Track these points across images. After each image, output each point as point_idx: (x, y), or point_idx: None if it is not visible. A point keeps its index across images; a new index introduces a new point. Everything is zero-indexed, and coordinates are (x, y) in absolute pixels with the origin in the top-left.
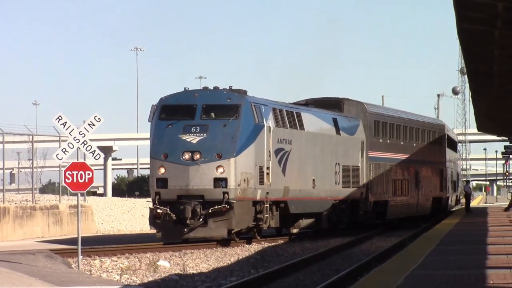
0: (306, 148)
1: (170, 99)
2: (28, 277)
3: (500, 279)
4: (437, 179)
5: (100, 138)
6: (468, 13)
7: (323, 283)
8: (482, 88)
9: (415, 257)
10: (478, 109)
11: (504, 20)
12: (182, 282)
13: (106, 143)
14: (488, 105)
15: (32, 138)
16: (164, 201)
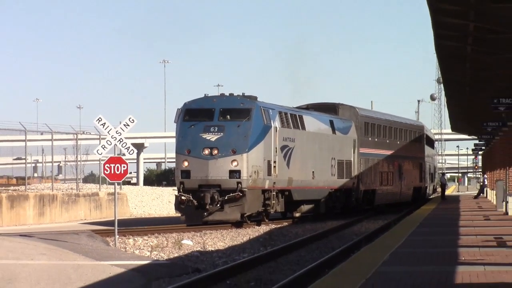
0: (307, 145)
1: (193, 104)
2: (73, 253)
3: (470, 256)
4: (417, 172)
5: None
6: (444, 31)
7: (320, 259)
8: (455, 95)
9: (399, 237)
10: (452, 113)
11: (475, 38)
12: (202, 258)
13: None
14: (461, 109)
15: (77, 137)
16: (187, 190)
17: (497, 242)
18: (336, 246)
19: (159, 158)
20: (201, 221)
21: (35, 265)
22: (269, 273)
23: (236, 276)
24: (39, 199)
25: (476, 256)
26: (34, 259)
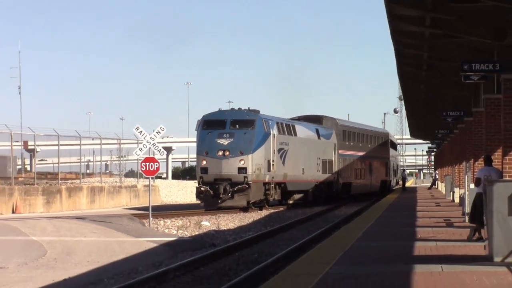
0: (298, 148)
1: (210, 116)
2: (116, 232)
3: (425, 234)
4: (383, 168)
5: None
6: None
7: (308, 236)
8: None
9: (369, 219)
10: (411, 123)
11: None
12: (217, 235)
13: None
14: (417, 120)
15: (120, 141)
16: (206, 182)
17: (445, 223)
18: (321, 226)
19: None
20: (216, 207)
21: (87, 241)
22: (268, 247)
23: (243, 250)
24: (91, 190)
25: (430, 234)
26: (87, 236)
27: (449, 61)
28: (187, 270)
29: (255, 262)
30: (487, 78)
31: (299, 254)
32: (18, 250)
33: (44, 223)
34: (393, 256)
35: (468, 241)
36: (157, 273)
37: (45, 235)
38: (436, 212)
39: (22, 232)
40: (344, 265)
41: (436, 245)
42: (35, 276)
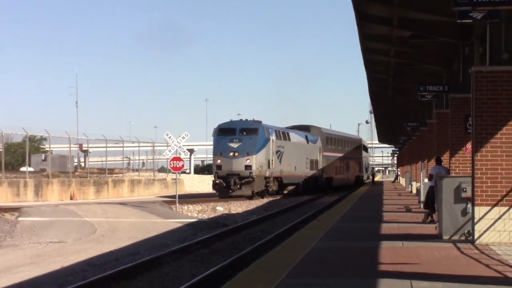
0: (291, 150)
1: (223, 125)
2: (150, 214)
3: (390, 217)
4: (357, 166)
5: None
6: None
7: (299, 218)
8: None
9: (347, 206)
10: (379, 131)
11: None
12: (228, 218)
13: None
14: (384, 129)
15: (153, 145)
16: (220, 176)
17: (405, 209)
18: (309, 211)
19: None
20: (228, 196)
21: (128, 221)
22: (269, 226)
23: (249, 229)
24: (131, 182)
25: (393, 217)
26: (127, 217)
27: (409, 83)
28: (205, 245)
29: (258, 238)
30: (438, 97)
31: (293, 232)
32: (75, 228)
33: (94, 207)
34: (365, 234)
35: (423, 223)
36: (181, 247)
37: (95, 216)
38: (398, 200)
39: (78, 214)
40: (327, 241)
41: (398, 226)
42: (88, 248)
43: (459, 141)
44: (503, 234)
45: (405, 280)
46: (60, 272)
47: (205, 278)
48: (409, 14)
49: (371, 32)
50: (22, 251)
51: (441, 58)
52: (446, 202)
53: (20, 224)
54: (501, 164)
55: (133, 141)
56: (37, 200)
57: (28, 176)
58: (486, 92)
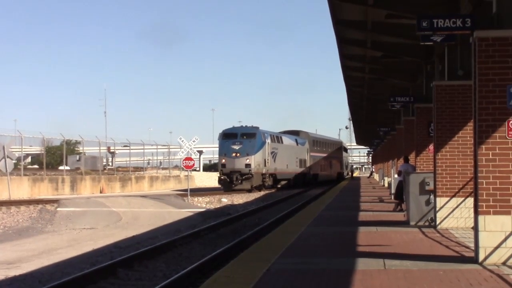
0: (284, 151)
1: (227, 130)
2: (166, 205)
3: (366, 207)
4: (339, 164)
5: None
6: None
7: (291, 207)
8: (358, 126)
9: (330, 197)
10: (356, 134)
11: (367, 98)
12: (232, 208)
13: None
14: (361, 133)
15: (169, 147)
16: (224, 173)
17: (379, 200)
18: (299, 201)
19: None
20: (231, 189)
21: (148, 211)
22: (265, 215)
23: (249, 217)
24: (150, 178)
25: (368, 207)
26: (147, 208)
27: (381, 95)
28: (212, 230)
29: (256, 224)
30: (405, 106)
31: (285, 219)
32: (104, 217)
33: (120, 199)
34: (345, 220)
35: (393, 211)
36: (193, 232)
37: (121, 207)
38: (372, 192)
39: (106, 205)
40: (314, 227)
41: (373, 214)
42: (115, 233)
43: (423, 143)
44: (460, 220)
45: (379, 259)
46: (91, 253)
47: (213, 257)
48: (380, 38)
49: (349, 52)
50: (60, 236)
51: (408, 74)
52: (412, 194)
53: (59, 214)
54: (457, 162)
55: (152, 144)
56: (72, 194)
57: (65, 174)
58: (445, 102)
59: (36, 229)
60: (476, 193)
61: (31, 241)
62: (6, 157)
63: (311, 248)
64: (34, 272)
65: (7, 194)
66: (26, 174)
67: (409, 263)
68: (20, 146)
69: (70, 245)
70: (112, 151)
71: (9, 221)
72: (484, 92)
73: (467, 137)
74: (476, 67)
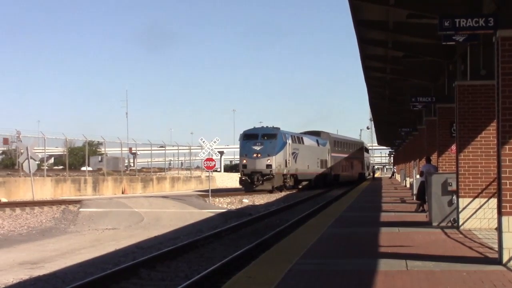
0: (305, 152)
1: (248, 131)
2: (188, 206)
3: (388, 207)
4: (360, 165)
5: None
6: (374, 95)
7: (312, 208)
8: (379, 127)
9: (352, 198)
10: (377, 135)
11: (389, 98)
12: (253, 208)
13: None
14: (382, 134)
15: (190, 148)
16: (245, 174)
17: (400, 200)
18: (320, 202)
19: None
20: (252, 190)
21: (169, 212)
22: (286, 215)
23: (270, 217)
24: (172, 179)
25: (390, 208)
26: (169, 208)
27: (402, 95)
28: (233, 231)
29: (277, 225)
30: (427, 106)
31: (306, 220)
32: (126, 217)
33: (142, 200)
34: (367, 221)
35: (415, 212)
36: (214, 232)
37: (143, 207)
38: (394, 193)
39: (128, 206)
40: (335, 227)
41: (394, 215)
42: (136, 234)
43: (445, 143)
44: (483, 221)
45: (401, 260)
46: (114, 253)
47: (234, 258)
48: (402, 38)
49: (370, 53)
50: (83, 237)
51: (429, 74)
52: (435, 194)
53: (81, 214)
54: (480, 162)
55: (173, 145)
56: (95, 194)
57: (88, 174)
58: (467, 102)
59: (59, 229)
60: (499, 194)
61: (54, 241)
62: (30, 158)
63: (332, 248)
64: (58, 272)
65: (30, 195)
66: (49, 175)
67: (431, 264)
68: (43, 147)
69: (93, 245)
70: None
71: (32, 221)
72: (507, 92)
73: (490, 137)
74: (499, 67)
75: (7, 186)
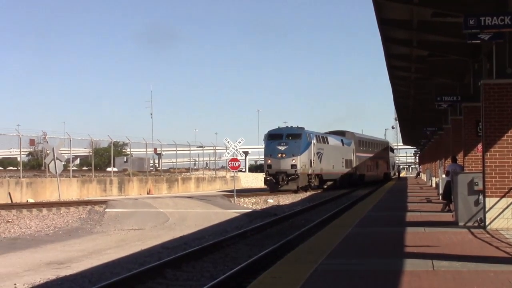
0: (329, 152)
1: (272, 131)
2: (213, 206)
3: (413, 207)
4: (385, 164)
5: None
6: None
7: (337, 208)
8: (404, 126)
9: (377, 198)
10: (402, 134)
11: (414, 98)
12: (278, 208)
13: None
14: (407, 133)
15: (215, 148)
16: (270, 174)
17: (426, 200)
18: (345, 202)
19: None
20: (277, 190)
21: (194, 212)
22: (311, 216)
23: (295, 217)
24: (197, 179)
25: (416, 207)
26: (194, 208)
27: (427, 94)
28: (258, 231)
29: (302, 225)
30: (452, 105)
31: (331, 220)
32: (151, 218)
33: (167, 200)
34: (392, 221)
35: (441, 212)
36: (239, 233)
37: (168, 208)
38: (420, 192)
39: (153, 206)
40: (360, 228)
41: (420, 214)
42: (162, 234)
43: (471, 142)
44: (510, 221)
45: (427, 260)
46: (139, 253)
47: (259, 258)
48: (426, 37)
49: (394, 52)
50: (109, 237)
51: (454, 73)
52: (461, 194)
53: (107, 215)
54: (507, 161)
55: (198, 146)
56: (120, 195)
57: (113, 175)
58: (493, 101)
59: (85, 229)
60: None
61: (80, 241)
62: (56, 159)
63: (358, 249)
64: (84, 272)
65: (57, 196)
66: (75, 175)
67: (458, 264)
68: (69, 148)
69: (119, 245)
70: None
71: (59, 221)
72: None
73: None
74: None
75: (33, 187)
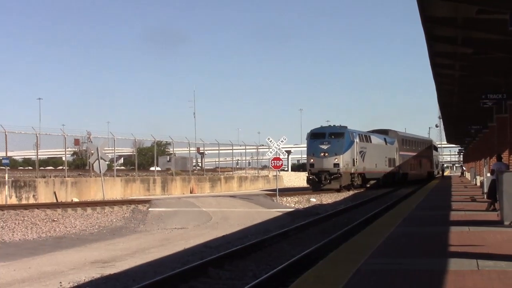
0: (372, 151)
1: (315, 130)
2: (255, 205)
3: (457, 206)
4: (429, 163)
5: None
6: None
7: (379, 207)
8: (448, 124)
9: (420, 197)
10: (446, 133)
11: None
12: (320, 207)
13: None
14: (451, 131)
15: (257, 147)
16: (313, 173)
17: (471, 199)
18: (388, 201)
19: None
20: (320, 189)
21: (237, 211)
22: (354, 215)
23: (337, 216)
24: (239, 178)
25: (460, 206)
26: (237, 208)
27: (472, 92)
28: (301, 230)
29: (345, 224)
30: (498, 103)
31: (374, 219)
32: (194, 217)
33: (210, 199)
34: (436, 220)
35: (486, 211)
36: (282, 232)
37: (211, 207)
38: (464, 191)
39: (196, 205)
40: (404, 227)
41: (464, 214)
42: (205, 233)
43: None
44: None
45: (471, 260)
46: (182, 252)
47: (302, 257)
48: (471, 34)
49: (438, 50)
50: (152, 236)
51: (500, 70)
52: (506, 192)
53: (150, 214)
54: None
55: (240, 145)
56: (163, 194)
57: (156, 174)
58: None
59: (129, 228)
60: None
61: (124, 240)
62: (100, 159)
63: (401, 248)
64: (128, 271)
65: (101, 195)
66: (118, 175)
67: (503, 264)
68: (113, 147)
69: (162, 244)
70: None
71: (103, 221)
72: None
73: None
74: None
75: (78, 186)
